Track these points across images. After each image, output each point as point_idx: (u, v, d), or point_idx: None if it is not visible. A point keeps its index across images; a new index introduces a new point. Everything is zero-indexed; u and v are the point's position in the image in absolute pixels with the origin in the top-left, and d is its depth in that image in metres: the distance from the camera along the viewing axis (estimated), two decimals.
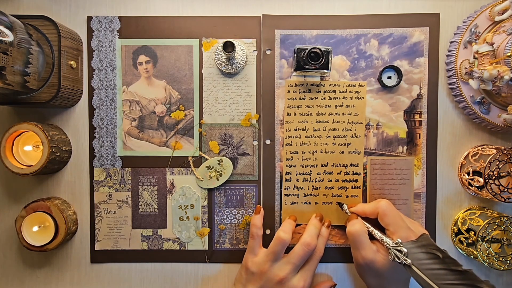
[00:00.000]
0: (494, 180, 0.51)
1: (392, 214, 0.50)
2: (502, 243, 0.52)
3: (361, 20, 0.56)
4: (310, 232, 0.53)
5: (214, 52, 0.57)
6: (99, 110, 0.58)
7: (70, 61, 0.54)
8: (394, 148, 0.57)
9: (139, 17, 0.57)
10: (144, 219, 0.58)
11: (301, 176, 0.57)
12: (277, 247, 0.51)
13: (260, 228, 0.54)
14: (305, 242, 0.52)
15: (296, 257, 0.51)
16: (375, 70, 0.56)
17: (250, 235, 0.54)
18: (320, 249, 0.54)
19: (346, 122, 0.57)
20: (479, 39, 0.54)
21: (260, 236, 0.54)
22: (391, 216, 0.50)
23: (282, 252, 0.52)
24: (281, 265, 0.51)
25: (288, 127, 0.57)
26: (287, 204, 0.58)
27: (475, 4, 0.56)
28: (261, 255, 0.52)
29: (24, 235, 0.53)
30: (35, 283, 0.59)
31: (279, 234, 0.52)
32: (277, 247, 0.51)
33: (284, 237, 0.51)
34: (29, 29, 0.51)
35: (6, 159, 0.52)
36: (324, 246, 0.54)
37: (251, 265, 0.52)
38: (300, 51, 0.52)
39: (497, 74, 0.47)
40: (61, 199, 0.57)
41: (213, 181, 0.58)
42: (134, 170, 0.58)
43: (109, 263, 0.58)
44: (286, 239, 0.51)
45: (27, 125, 0.52)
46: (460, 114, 0.57)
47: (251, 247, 0.53)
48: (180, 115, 0.58)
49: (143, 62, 0.58)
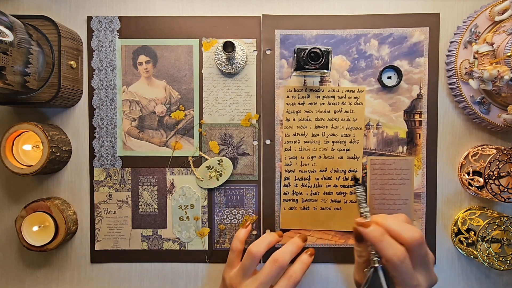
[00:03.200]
0: (494, 180, 0.51)
1: None
2: (502, 243, 0.52)
3: (361, 20, 0.56)
4: (284, 249, 0.48)
5: (214, 52, 0.57)
6: (99, 110, 0.58)
7: (70, 61, 0.54)
8: (394, 148, 0.57)
9: (139, 17, 0.57)
10: (144, 219, 0.58)
11: (299, 181, 0.57)
12: (247, 261, 0.48)
13: (242, 243, 0.52)
14: (272, 258, 0.47)
15: (263, 274, 0.47)
16: (375, 70, 0.56)
17: (231, 247, 0.52)
18: (296, 273, 0.48)
19: (345, 128, 0.57)
20: (479, 39, 0.54)
21: (240, 251, 0.52)
22: None
23: (252, 267, 0.49)
24: (250, 281, 0.48)
25: (287, 132, 0.57)
26: (286, 209, 0.58)
27: (475, 4, 0.56)
28: (236, 269, 0.50)
29: (24, 235, 0.53)
30: (35, 283, 0.59)
31: (250, 247, 0.49)
32: (246, 261, 0.48)
33: (253, 251, 0.48)
34: (29, 29, 0.51)
35: (6, 159, 0.52)
36: (302, 272, 0.49)
37: (227, 277, 0.51)
38: (300, 51, 0.52)
39: (497, 74, 0.47)
40: (61, 199, 0.57)
41: (213, 181, 0.58)
42: (134, 170, 0.58)
43: (109, 263, 0.58)
44: (256, 254, 0.48)
45: (27, 125, 0.52)
46: (460, 114, 0.57)
47: (229, 260, 0.52)
48: (180, 115, 0.58)
49: (143, 62, 0.58)
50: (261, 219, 0.58)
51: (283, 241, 0.55)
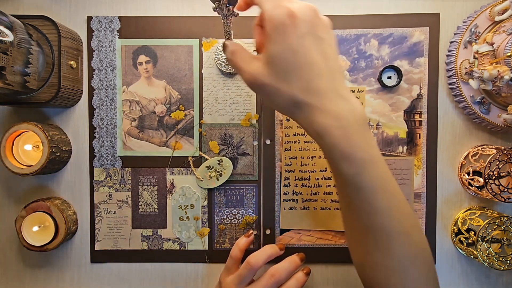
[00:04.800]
0: (494, 180, 0.51)
1: None
2: (502, 243, 0.52)
3: (361, 20, 0.56)
4: (281, 265, 0.50)
5: (214, 52, 0.57)
6: (99, 110, 0.58)
7: (70, 61, 0.54)
8: (394, 148, 0.57)
9: (139, 17, 0.57)
10: (144, 219, 0.58)
11: (299, 181, 0.57)
12: (244, 271, 0.49)
13: (242, 251, 0.53)
14: (269, 272, 0.49)
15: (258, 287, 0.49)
16: (375, 70, 0.56)
17: (230, 254, 0.53)
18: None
19: None
20: (479, 39, 0.54)
21: (238, 259, 0.52)
22: None
23: (249, 278, 0.50)
24: None
25: (287, 132, 0.57)
26: (286, 209, 0.58)
27: (475, 4, 0.56)
28: (233, 275, 0.51)
29: (24, 235, 0.53)
30: (35, 283, 0.59)
31: (249, 258, 0.50)
32: (243, 270, 0.49)
33: (252, 263, 0.49)
34: (29, 29, 0.51)
35: (6, 159, 0.52)
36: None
37: (223, 281, 0.51)
38: None
39: (497, 74, 0.47)
40: (61, 199, 0.57)
41: (213, 181, 0.58)
42: (134, 170, 0.58)
43: (109, 263, 0.58)
44: (254, 266, 0.49)
45: (27, 125, 0.52)
46: (460, 114, 0.57)
47: (227, 265, 0.52)
48: (180, 115, 0.58)
49: (143, 62, 0.58)
50: (261, 219, 0.58)
51: None
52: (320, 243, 0.58)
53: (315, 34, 0.34)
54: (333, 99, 0.34)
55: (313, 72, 0.34)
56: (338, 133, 0.34)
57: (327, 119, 0.34)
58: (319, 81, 0.34)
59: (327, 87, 0.34)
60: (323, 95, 0.34)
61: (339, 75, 0.36)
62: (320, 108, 0.34)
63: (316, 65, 0.34)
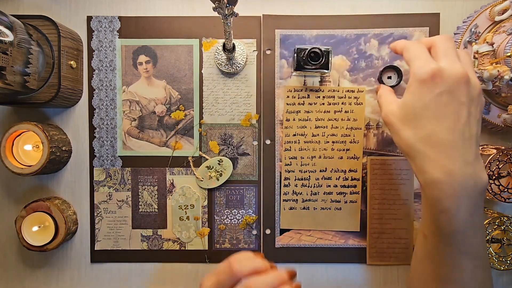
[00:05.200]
0: (494, 180, 0.51)
1: None
2: (502, 243, 0.52)
3: (361, 20, 0.56)
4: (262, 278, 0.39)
5: (214, 52, 0.57)
6: (99, 110, 0.58)
7: (70, 61, 0.54)
8: (394, 148, 0.57)
9: (139, 17, 0.57)
10: (144, 219, 0.58)
11: (299, 181, 0.57)
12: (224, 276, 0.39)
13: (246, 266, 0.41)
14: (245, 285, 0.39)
15: None
16: (375, 70, 0.56)
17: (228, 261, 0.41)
18: None
19: (345, 128, 0.57)
20: (479, 39, 0.54)
21: None
22: None
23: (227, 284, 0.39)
24: None
25: (287, 132, 0.57)
26: (286, 209, 0.58)
27: (475, 4, 0.56)
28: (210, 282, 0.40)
29: (24, 235, 0.53)
30: (35, 283, 0.59)
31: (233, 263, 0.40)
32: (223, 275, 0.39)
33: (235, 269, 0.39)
34: (29, 29, 0.51)
35: (6, 159, 0.52)
36: None
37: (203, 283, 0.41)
38: (300, 51, 0.52)
39: (497, 74, 0.47)
40: (61, 199, 0.57)
41: (213, 181, 0.58)
42: (134, 170, 0.58)
43: (109, 263, 0.58)
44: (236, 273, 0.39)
45: (27, 125, 0.52)
46: None
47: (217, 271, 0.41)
48: (180, 115, 0.58)
49: (143, 62, 0.58)
50: (261, 219, 0.58)
51: None
52: (320, 243, 0.58)
53: (454, 96, 0.38)
54: (452, 157, 0.38)
55: (438, 127, 0.38)
56: (446, 189, 0.37)
57: (438, 172, 0.37)
58: (441, 137, 0.38)
59: (449, 144, 0.38)
60: (442, 149, 0.38)
61: (469, 138, 0.39)
62: (434, 160, 0.38)
63: (444, 122, 0.38)
